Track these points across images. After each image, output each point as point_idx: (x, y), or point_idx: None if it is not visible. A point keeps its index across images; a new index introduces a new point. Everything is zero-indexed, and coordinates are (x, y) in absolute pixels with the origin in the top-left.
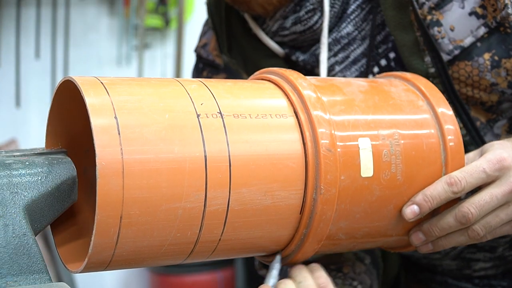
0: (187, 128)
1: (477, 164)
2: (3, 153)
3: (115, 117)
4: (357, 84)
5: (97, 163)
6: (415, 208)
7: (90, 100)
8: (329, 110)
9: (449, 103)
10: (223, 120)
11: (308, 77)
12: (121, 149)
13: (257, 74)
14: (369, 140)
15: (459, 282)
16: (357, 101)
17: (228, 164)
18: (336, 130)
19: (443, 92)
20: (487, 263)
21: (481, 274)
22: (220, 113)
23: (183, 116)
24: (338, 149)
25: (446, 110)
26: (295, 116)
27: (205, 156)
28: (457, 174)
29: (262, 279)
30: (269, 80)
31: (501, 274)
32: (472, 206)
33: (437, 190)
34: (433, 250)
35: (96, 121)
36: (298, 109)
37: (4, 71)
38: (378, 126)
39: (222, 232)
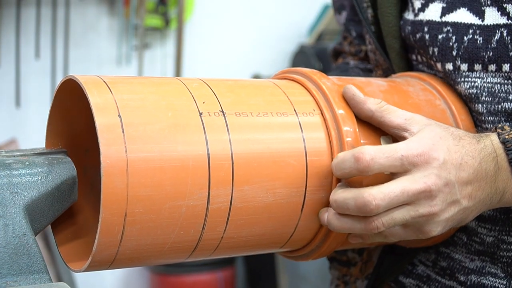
0: (190, 127)
1: (396, 148)
2: (3, 153)
3: (119, 116)
4: (377, 84)
5: (101, 161)
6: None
7: (94, 99)
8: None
9: None
10: (225, 118)
11: (330, 76)
12: (125, 147)
13: (279, 74)
14: (390, 139)
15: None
16: None
17: (231, 162)
18: (359, 129)
19: None
20: None
21: None
22: (222, 111)
23: (186, 115)
24: None
25: (462, 108)
26: (295, 115)
27: (208, 155)
28: (369, 151)
29: (262, 279)
30: (293, 80)
31: None
32: (379, 196)
33: (345, 159)
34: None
35: (100, 120)
36: (323, 107)
37: (4, 71)
38: None
39: (225, 230)
